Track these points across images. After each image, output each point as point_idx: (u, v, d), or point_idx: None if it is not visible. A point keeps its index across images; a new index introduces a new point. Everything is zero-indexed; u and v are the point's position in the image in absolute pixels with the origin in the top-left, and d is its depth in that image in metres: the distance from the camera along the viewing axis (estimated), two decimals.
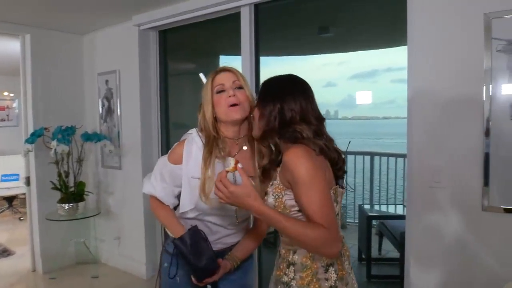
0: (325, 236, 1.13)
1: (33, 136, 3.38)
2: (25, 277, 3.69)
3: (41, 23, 3.47)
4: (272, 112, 1.29)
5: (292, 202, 1.24)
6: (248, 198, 1.19)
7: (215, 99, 1.46)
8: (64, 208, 3.49)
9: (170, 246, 1.55)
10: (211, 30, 3.68)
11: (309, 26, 3.57)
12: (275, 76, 1.39)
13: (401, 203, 4.74)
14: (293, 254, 1.29)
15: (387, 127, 31.27)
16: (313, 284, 1.25)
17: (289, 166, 1.19)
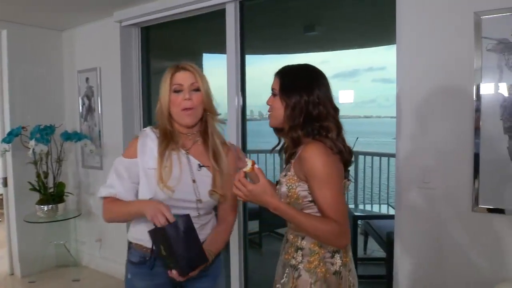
0: (336, 230, 1.23)
1: (10, 135, 3.26)
2: (2, 281, 3.57)
3: (18, 18, 3.34)
4: (298, 104, 1.33)
5: (305, 193, 1.31)
6: (266, 195, 1.26)
7: (172, 98, 1.47)
8: (43, 209, 3.38)
9: (133, 256, 1.52)
10: (195, 28, 3.61)
11: (295, 25, 3.54)
12: (293, 65, 1.42)
13: (385, 202, 4.76)
14: (301, 240, 1.37)
15: (368, 126, 31.61)
16: (320, 268, 1.33)
17: (308, 161, 1.26)
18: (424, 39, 1.94)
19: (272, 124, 1.43)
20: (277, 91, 1.39)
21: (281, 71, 1.42)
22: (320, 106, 1.33)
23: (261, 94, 3.93)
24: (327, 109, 1.35)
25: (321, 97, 1.34)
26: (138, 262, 1.50)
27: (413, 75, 1.99)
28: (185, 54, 4.29)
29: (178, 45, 4.03)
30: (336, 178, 1.27)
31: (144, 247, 1.49)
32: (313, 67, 1.41)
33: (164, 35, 3.61)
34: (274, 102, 1.40)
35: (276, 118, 1.40)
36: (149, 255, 1.46)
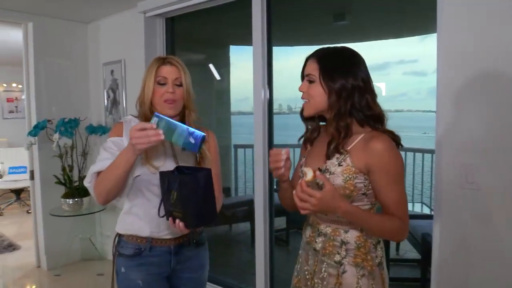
0: (400, 227, 1.23)
1: (36, 128, 3.25)
2: (29, 273, 3.60)
3: (44, 10, 3.32)
4: (344, 89, 1.24)
5: (361, 185, 1.25)
6: (335, 200, 1.18)
7: (156, 89, 1.51)
8: (69, 203, 3.37)
9: (126, 249, 1.52)
10: (221, 19, 3.50)
11: (324, 14, 3.37)
12: (329, 47, 1.31)
13: (419, 200, 4.54)
14: (344, 233, 1.30)
15: (399, 120, 30.90)
16: (366, 262, 1.28)
17: (383, 155, 1.20)
18: (468, 24, 1.74)
19: (308, 113, 1.32)
20: (315, 76, 1.26)
21: (318, 54, 1.30)
22: (366, 92, 1.25)
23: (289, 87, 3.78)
24: (372, 95, 1.27)
25: (365, 81, 1.26)
26: (132, 255, 1.50)
27: (455, 64, 1.79)
28: (211, 46, 4.18)
29: (204, 36, 3.93)
30: (403, 175, 1.25)
31: (138, 237, 1.50)
32: (351, 48, 1.32)
33: (190, 26, 3.51)
34: (311, 89, 1.28)
35: (315, 107, 1.29)
36: (144, 245, 1.49)
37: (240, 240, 4.34)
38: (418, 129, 21.43)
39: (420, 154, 4.50)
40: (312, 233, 1.38)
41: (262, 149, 2.68)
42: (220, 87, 4.25)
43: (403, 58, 31.29)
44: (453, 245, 1.86)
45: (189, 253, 1.60)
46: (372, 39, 4.47)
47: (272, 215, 2.86)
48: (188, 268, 1.59)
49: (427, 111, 14.78)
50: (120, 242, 1.55)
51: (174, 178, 1.30)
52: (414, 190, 4.65)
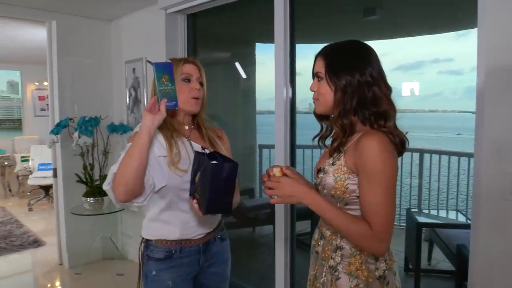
0: (367, 233, 1.10)
1: (58, 126, 3.25)
2: (51, 270, 3.62)
3: (67, 9, 3.31)
4: (350, 85, 1.17)
5: (354, 187, 1.17)
6: (301, 186, 1.15)
7: (180, 86, 1.49)
8: (89, 202, 3.36)
9: (156, 253, 1.52)
10: (247, 15, 3.38)
11: (353, 8, 3.19)
12: (336, 43, 1.25)
13: (454, 208, 4.26)
14: (340, 238, 1.23)
15: (433, 120, 29.98)
16: (361, 271, 1.19)
17: (365, 152, 1.11)
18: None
19: (319, 111, 1.29)
20: (322, 74, 1.23)
21: (324, 51, 1.25)
22: (375, 87, 1.17)
23: None
24: (382, 90, 1.18)
25: (374, 75, 1.17)
26: (164, 258, 1.51)
27: (496, 61, 1.60)
28: (236, 43, 4.07)
29: (228, 33, 3.83)
30: (389, 179, 1.11)
31: (168, 241, 1.52)
32: (360, 41, 1.24)
33: (213, 22, 3.41)
34: (320, 87, 1.24)
35: (324, 105, 1.25)
36: (174, 248, 1.51)
37: (263, 243, 4.22)
38: (453, 130, 20.60)
39: (455, 158, 4.22)
40: (317, 236, 1.35)
41: (284, 150, 2.54)
42: (246, 86, 4.14)
43: (438, 56, 30.06)
44: (491, 260, 1.66)
45: (215, 248, 1.63)
46: (405, 36, 4.24)
47: (294, 218, 2.73)
48: (214, 263, 1.63)
49: (463, 112, 14.06)
50: (149, 246, 1.55)
51: (202, 161, 1.31)
52: (448, 197, 4.36)
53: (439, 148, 7.34)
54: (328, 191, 1.21)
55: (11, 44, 5.00)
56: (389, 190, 1.11)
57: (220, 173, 1.25)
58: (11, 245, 4.19)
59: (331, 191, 1.20)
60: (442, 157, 4.40)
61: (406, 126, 1.25)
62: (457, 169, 4.15)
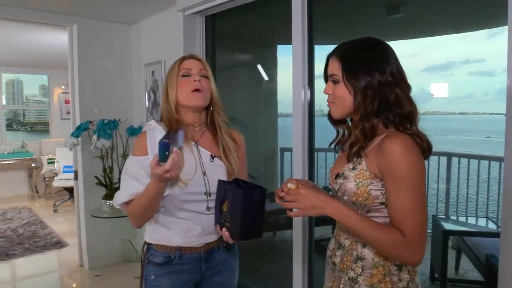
0: (399, 242, 1.03)
1: (78, 129, 3.28)
2: (72, 271, 3.66)
3: (88, 13, 3.35)
4: (370, 87, 1.10)
5: (377, 193, 1.10)
6: (321, 195, 1.09)
7: (180, 82, 1.45)
8: (109, 204, 3.36)
9: (156, 257, 1.49)
10: (265, 15, 3.32)
11: (376, 5, 3.08)
12: (350, 41, 1.18)
13: (484, 215, 4.05)
14: (362, 248, 1.16)
15: (464, 123, 29.14)
16: (384, 283, 1.13)
17: (392, 156, 1.04)
18: None
19: (337, 115, 1.20)
20: (339, 76, 1.14)
21: (338, 51, 1.17)
22: (396, 88, 1.10)
23: None
24: (403, 90, 1.12)
25: (395, 74, 1.11)
26: (162, 263, 1.48)
27: None
28: (256, 45, 4.02)
29: (248, 35, 3.78)
30: (420, 184, 1.04)
31: (167, 247, 1.48)
32: (376, 39, 1.18)
33: (232, 24, 3.37)
34: (337, 90, 1.16)
35: (342, 109, 1.17)
36: (174, 254, 1.47)
37: (283, 248, 4.14)
38: (484, 133, 19.87)
39: (486, 162, 4.02)
40: (334, 245, 1.27)
41: (302, 153, 2.47)
42: (268, 88, 4.08)
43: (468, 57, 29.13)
44: None
45: (220, 257, 1.56)
46: (431, 35, 4.07)
47: (312, 223, 2.64)
48: (218, 272, 1.57)
49: (495, 114, 13.63)
50: (150, 250, 1.52)
51: (231, 189, 1.32)
52: (478, 203, 4.15)
53: (469, 152, 7.06)
54: (348, 197, 1.14)
55: (37, 48, 5.12)
56: (420, 194, 1.04)
57: (251, 200, 1.26)
58: (35, 246, 4.27)
59: (352, 198, 1.13)
60: (472, 161, 4.20)
61: (435, 129, 1.16)
62: (488, 173, 3.95)
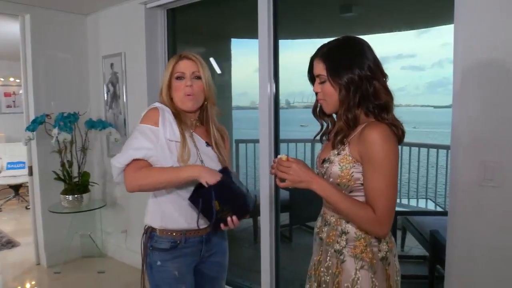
0: (371, 218, 1.19)
1: (34, 123, 3.17)
2: (29, 270, 3.53)
3: (41, 2, 3.22)
4: (352, 82, 1.23)
5: (358, 175, 1.24)
6: (310, 171, 1.24)
7: (175, 85, 1.55)
8: (68, 199, 3.30)
9: (161, 243, 1.55)
10: (224, 11, 3.40)
11: (331, 5, 3.28)
12: (331, 42, 1.30)
13: (424, 196, 4.47)
14: (345, 224, 1.30)
15: (398, 114, 30.96)
16: (366, 253, 1.27)
17: (370, 143, 1.18)
18: (487, 14, 1.67)
19: (329, 111, 1.34)
20: (324, 76, 1.27)
21: (322, 53, 1.29)
22: (374, 81, 1.24)
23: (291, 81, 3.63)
24: (380, 81, 1.25)
25: (372, 67, 1.24)
26: (169, 248, 1.54)
27: (472, 56, 1.72)
28: (213, 38, 4.08)
29: (206, 29, 3.83)
30: (393, 170, 1.19)
31: (174, 231, 1.54)
32: (353, 36, 1.30)
33: (192, 18, 3.41)
34: (325, 88, 1.29)
35: (332, 105, 1.30)
36: (179, 238, 1.53)
37: (242, 237, 4.28)
38: (415, 124, 21.33)
39: (424, 149, 4.43)
40: (321, 223, 1.41)
41: (268, 144, 2.60)
42: (221, 81, 4.16)
43: (401, 52, 30.73)
44: (468, 244, 1.79)
45: (216, 240, 1.66)
46: (379, 32, 4.38)
47: (278, 210, 2.79)
48: (214, 253, 1.66)
49: (425, 106, 14.60)
50: (153, 237, 1.56)
51: (207, 193, 1.40)
52: (418, 186, 4.57)
53: (407, 141, 7.65)
54: (333, 179, 1.27)
55: None
56: (391, 178, 1.19)
57: (230, 179, 1.42)
58: None
59: (336, 180, 1.26)
60: (412, 148, 4.61)
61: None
62: (427, 160, 4.36)
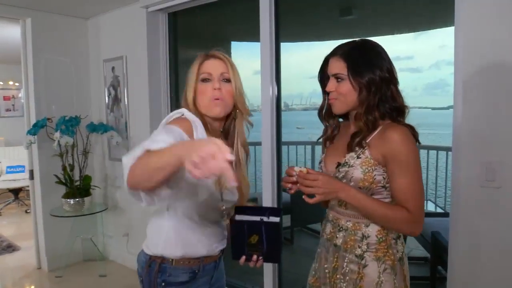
0: (407, 219, 1.19)
1: (36, 127, 3.17)
2: (30, 274, 3.52)
3: (43, 6, 3.23)
4: (373, 82, 1.24)
5: (380, 178, 1.25)
6: (337, 181, 1.23)
7: (200, 88, 1.31)
8: (70, 203, 3.30)
9: (180, 276, 1.31)
10: (225, 14, 3.41)
11: (331, 8, 3.30)
12: (349, 43, 1.31)
13: (425, 198, 4.48)
14: (365, 227, 1.29)
15: None
16: (388, 256, 1.28)
17: (396, 144, 1.20)
18: (488, 15, 1.68)
19: (340, 110, 1.33)
20: (344, 74, 1.27)
21: (343, 52, 1.29)
22: (391, 84, 1.27)
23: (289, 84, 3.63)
24: (396, 85, 1.29)
25: (390, 71, 1.27)
26: (188, 280, 1.33)
27: (473, 57, 1.74)
28: (214, 41, 4.09)
29: (208, 32, 3.84)
30: (419, 168, 1.22)
31: (192, 259, 1.33)
32: (371, 40, 1.32)
33: (193, 21, 3.42)
34: (340, 87, 1.28)
35: (346, 104, 1.30)
36: (198, 267, 1.34)
37: None
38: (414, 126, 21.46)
39: (424, 151, 4.44)
40: (333, 229, 1.37)
41: (270, 147, 2.61)
42: None
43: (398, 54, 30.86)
44: (470, 244, 1.80)
45: (221, 263, 1.50)
46: (379, 34, 4.40)
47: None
48: (219, 278, 1.47)
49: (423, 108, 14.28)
50: (165, 270, 1.31)
51: (256, 223, 1.23)
52: None
53: None
54: (355, 183, 1.25)
55: None
56: (419, 176, 1.22)
57: (280, 226, 1.25)
58: None
59: (359, 183, 1.25)
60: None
61: None
62: (426, 162, 4.38)
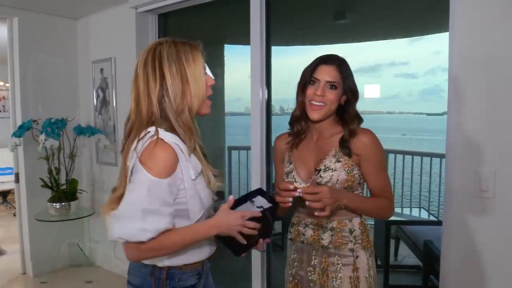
0: (389, 205, 1.46)
1: (21, 129, 3.09)
2: (14, 280, 3.44)
3: (30, 5, 3.16)
4: (356, 93, 1.43)
5: (357, 176, 1.42)
6: (339, 190, 1.36)
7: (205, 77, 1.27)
8: (55, 207, 3.22)
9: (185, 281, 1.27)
10: (216, 16, 3.36)
11: (325, 11, 3.26)
12: (333, 55, 1.43)
13: (417, 205, 4.44)
14: (349, 222, 1.44)
15: (391, 122, 31.18)
16: (368, 242, 1.46)
17: (372, 146, 1.39)
18: (482, 23, 1.65)
19: (321, 117, 1.41)
20: (339, 83, 1.39)
21: (335, 62, 1.40)
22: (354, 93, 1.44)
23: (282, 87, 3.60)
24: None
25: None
26: (197, 282, 1.30)
27: (468, 64, 1.69)
28: (206, 44, 4.04)
29: (198, 34, 3.79)
30: (385, 162, 1.45)
31: (197, 262, 1.29)
32: None
33: (183, 23, 3.37)
34: (332, 94, 1.39)
35: (329, 111, 1.41)
36: (202, 267, 1.32)
37: None
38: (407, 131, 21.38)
39: (418, 157, 4.41)
40: (315, 232, 1.47)
41: (260, 151, 2.56)
42: (214, 87, 4.12)
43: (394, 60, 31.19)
44: (463, 254, 1.75)
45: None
46: (371, 39, 4.38)
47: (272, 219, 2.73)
48: (208, 277, 1.42)
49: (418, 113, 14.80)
50: (174, 277, 1.25)
51: (271, 210, 1.30)
52: (412, 194, 4.54)
53: (400, 149, 7.64)
54: (341, 185, 1.39)
55: None
56: (387, 170, 1.46)
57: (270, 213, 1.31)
58: None
59: (344, 184, 1.39)
60: (398, 156, 4.57)
61: (367, 127, 1.44)
62: (420, 168, 4.34)
